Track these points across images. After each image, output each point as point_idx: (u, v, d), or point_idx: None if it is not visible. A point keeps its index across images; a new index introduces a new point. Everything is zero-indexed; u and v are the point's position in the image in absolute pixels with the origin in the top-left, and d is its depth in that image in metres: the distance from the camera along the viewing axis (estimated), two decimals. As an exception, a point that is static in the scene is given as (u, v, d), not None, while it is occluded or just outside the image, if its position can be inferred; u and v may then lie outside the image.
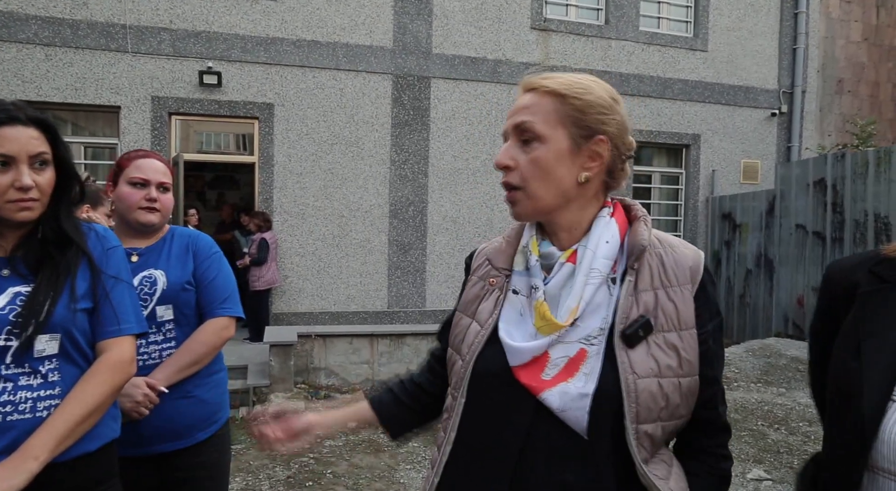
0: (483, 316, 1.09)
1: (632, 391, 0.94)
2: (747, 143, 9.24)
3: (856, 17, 10.44)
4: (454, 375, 1.10)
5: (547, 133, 1.00)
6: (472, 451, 1.05)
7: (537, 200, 1.02)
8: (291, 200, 7.32)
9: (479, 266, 1.18)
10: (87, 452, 1.39)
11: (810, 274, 7.13)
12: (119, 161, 1.94)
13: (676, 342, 0.98)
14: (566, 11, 8.53)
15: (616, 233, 1.04)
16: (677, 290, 1.01)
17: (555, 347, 0.99)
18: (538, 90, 1.03)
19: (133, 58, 6.78)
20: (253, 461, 3.80)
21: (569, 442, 0.97)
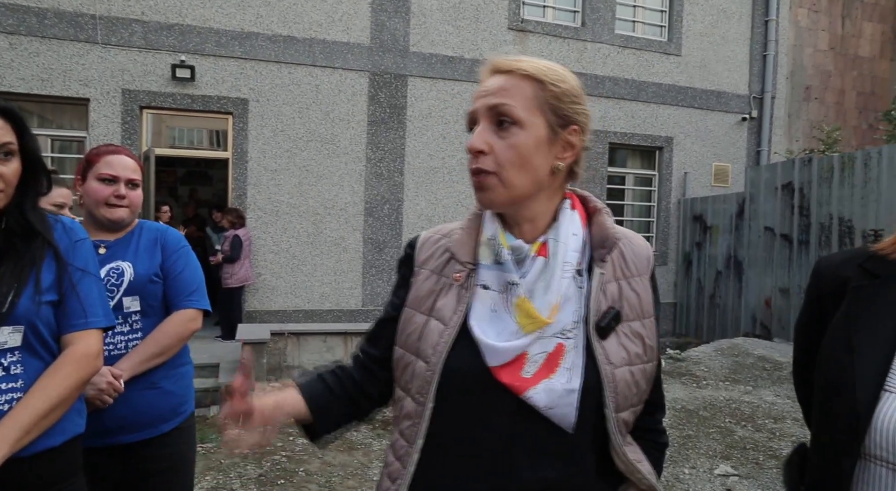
0: (445, 313, 1.02)
1: (611, 382, 0.95)
2: (718, 147, 9.41)
3: (823, 26, 10.72)
4: (414, 378, 1.02)
5: (526, 118, 0.97)
6: (446, 458, 0.99)
7: (512, 188, 0.98)
8: (265, 197, 7.25)
9: (430, 257, 1.10)
10: (50, 446, 1.37)
11: (778, 276, 7.29)
12: (88, 156, 1.92)
13: (641, 330, 1.01)
14: (543, 13, 8.59)
15: (580, 225, 1.05)
16: (638, 280, 1.04)
17: (533, 344, 0.97)
18: (514, 73, 0.99)
19: (103, 49, 6.64)
20: (224, 460, 3.75)
21: (552, 438, 0.96)
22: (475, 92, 1.02)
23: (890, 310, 0.95)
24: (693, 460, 3.99)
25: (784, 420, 4.73)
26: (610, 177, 8.93)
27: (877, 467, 0.88)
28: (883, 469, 0.88)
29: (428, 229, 1.18)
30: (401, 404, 1.06)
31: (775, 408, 4.99)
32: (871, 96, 11.11)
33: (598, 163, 8.71)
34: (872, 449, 0.89)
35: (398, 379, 1.08)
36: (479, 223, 1.08)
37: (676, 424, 4.58)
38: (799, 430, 4.54)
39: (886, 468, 0.87)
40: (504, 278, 1.01)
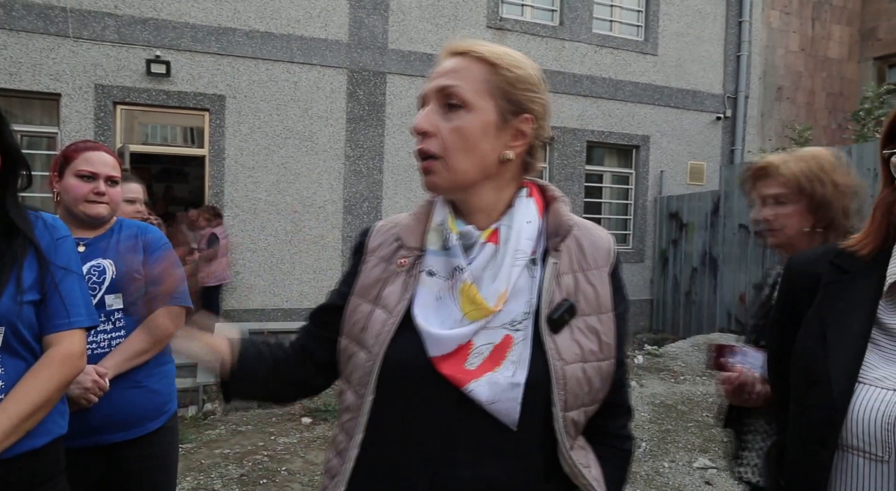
0: (390, 301, 0.97)
1: (560, 378, 0.91)
2: (693, 146, 9.55)
3: (794, 28, 10.93)
4: (356, 369, 0.97)
5: (475, 101, 0.93)
6: (385, 453, 0.95)
7: (456, 173, 0.94)
8: (243, 195, 7.16)
9: (381, 245, 1.06)
10: (32, 448, 1.34)
11: (752, 272, 7.42)
12: (66, 152, 1.89)
13: (597, 326, 0.96)
14: (521, 11, 8.63)
15: (536, 213, 1.01)
16: (595, 273, 1.00)
17: (479, 334, 0.92)
18: (468, 55, 0.95)
19: (75, 43, 6.49)
20: (204, 460, 3.70)
21: (495, 435, 0.91)
22: (429, 75, 0.99)
23: (860, 304, 0.97)
24: (672, 454, 4.05)
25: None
26: (588, 175, 9.01)
27: (854, 457, 0.91)
28: (860, 459, 0.90)
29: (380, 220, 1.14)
30: (343, 397, 1.02)
31: (751, 402, 5.08)
32: (840, 97, 11.38)
33: (576, 161, 8.78)
34: (849, 439, 0.91)
35: (342, 371, 1.04)
36: (431, 210, 1.04)
37: (656, 419, 4.64)
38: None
39: (863, 458, 0.89)
40: (450, 264, 0.97)
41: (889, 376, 0.91)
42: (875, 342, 0.95)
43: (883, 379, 0.91)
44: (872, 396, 0.90)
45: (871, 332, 0.95)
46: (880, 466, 0.87)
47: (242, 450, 3.91)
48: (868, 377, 0.92)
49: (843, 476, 0.92)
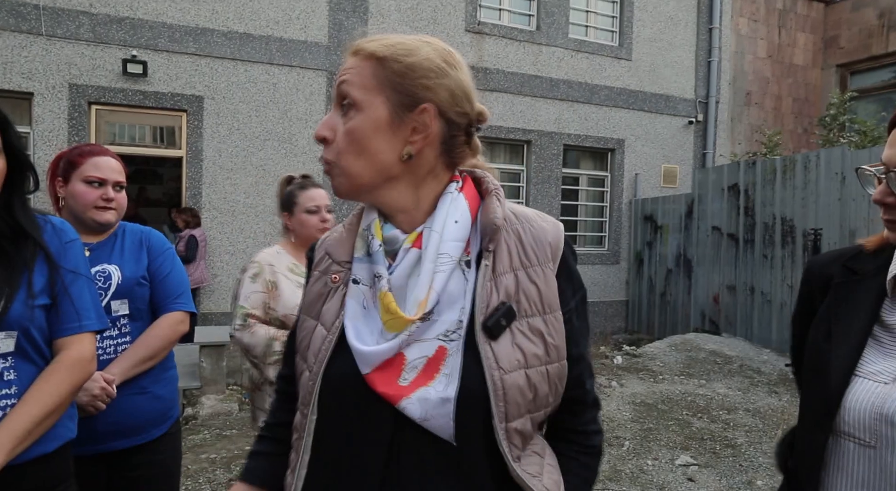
0: (328, 317, 0.94)
1: (499, 389, 0.85)
2: (667, 149, 9.75)
3: (761, 35, 11.24)
4: (302, 387, 0.94)
5: (363, 99, 0.87)
6: (331, 473, 0.91)
7: (352, 177, 0.89)
8: (221, 197, 7.08)
9: (322, 259, 1.01)
10: (43, 453, 1.34)
11: (725, 273, 7.61)
12: (71, 157, 1.87)
13: (542, 327, 0.90)
14: (499, 16, 8.71)
15: (466, 210, 0.92)
16: (538, 269, 0.92)
17: (410, 348, 0.87)
18: (359, 53, 0.90)
19: (48, 41, 6.34)
20: (191, 465, 3.66)
21: (438, 452, 0.86)
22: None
23: (864, 303, 1.06)
24: (655, 452, 4.14)
25: (736, 411, 4.96)
26: (564, 178, 9.13)
27: (846, 442, 1.00)
28: (851, 444, 1.00)
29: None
30: (296, 416, 0.98)
31: (728, 400, 5.22)
32: (805, 102, 11.73)
33: (553, 164, 8.89)
34: (842, 426, 1.00)
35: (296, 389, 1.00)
36: (359, 219, 0.99)
37: (637, 418, 4.74)
38: (751, 420, 4.77)
39: (854, 443, 0.99)
40: (371, 270, 0.92)
41: (884, 371, 0.99)
42: (877, 339, 1.03)
43: (878, 373, 0.99)
44: (865, 388, 0.99)
45: (874, 329, 1.04)
46: (869, 450, 0.97)
47: (229, 454, 3.88)
48: (864, 371, 1.01)
49: (837, 459, 1.02)
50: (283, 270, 2.26)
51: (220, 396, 5.22)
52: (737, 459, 4.04)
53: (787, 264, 6.76)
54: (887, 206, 1.01)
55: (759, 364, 6.21)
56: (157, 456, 1.89)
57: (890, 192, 0.99)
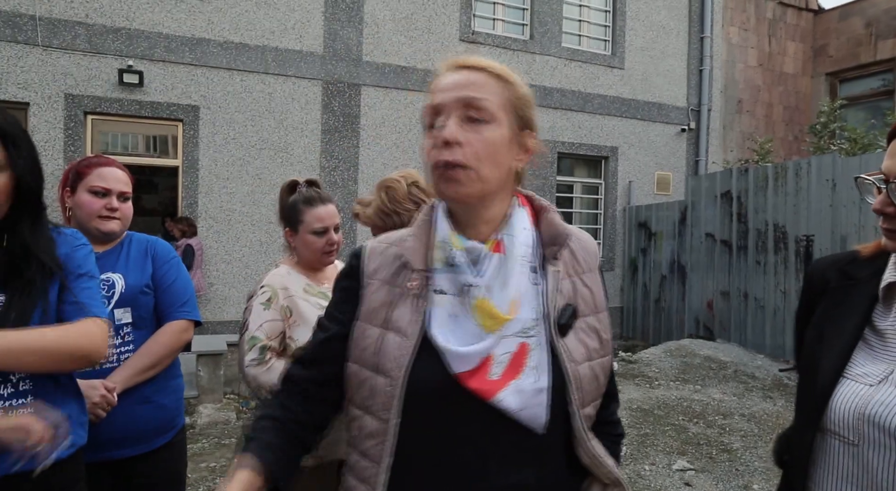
0: (402, 324, 0.97)
1: (576, 378, 0.96)
2: (660, 157, 9.83)
3: (752, 44, 11.38)
4: (374, 394, 0.96)
5: (499, 115, 0.96)
6: (417, 474, 0.95)
7: (485, 183, 0.95)
8: (217, 206, 7.09)
9: (380, 268, 1.05)
10: (59, 458, 1.36)
11: (719, 279, 7.67)
12: (78, 168, 1.90)
13: (596, 325, 1.03)
14: (493, 25, 8.79)
15: (529, 221, 1.03)
16: (589, 276, 1.06)
17: (497, 345, 0.94)
18: (485, 71, 0.97)
19: (44, 52, 6.36)
20: (191, 474, 3.66)
21: (522, 441, 0.94)
22: (436, 86, 0.99)
23: (857, 308, 1.10)
24: (652, 457, 4.17)
25: (732, 416, 5.00)
26: (558, 185, 9.19)
27: (832, 440, 1.06)
28: (836, 441, 1.05)
29: (373, 239, 1.13)
30: (359, 423, 1.00)
31: (723, 405, 5.26)
32: (796, 110, 11.87)
33: (548, 171, 8.95)
34: (829, 425, 1.06)
35: (353, 397, 1.02)
36: (429, 228, 1.04)
37: (634, 424, 4.76)
38: (746, 425, 4.80)
39: (839, 441, 1.04)
40: (459, 281, 0.98)
41: (871, 373, 1.04)
42: (867, 342, 1.08)
43: (865, 375, 1.04)
44: (851, 390, 1.04)
45: (865, 333, 1.08)
46: (851, 448, 1.02)
47: (228, 463, 3.88)
48: (852, 373, 1.06)
49: (824, 455, 1.07)
50: (298, 293, 2.00)
51: (217, 405, 5.22)
52: (733, 464, 4.08)
53: (779, 270, 6.82)
54: (887, 216, 1.04)
55: (753, 369, 6.26)
56: (161, 465, 1.90)
57: (890, 202, 1.02)
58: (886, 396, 0.99)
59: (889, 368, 1.02)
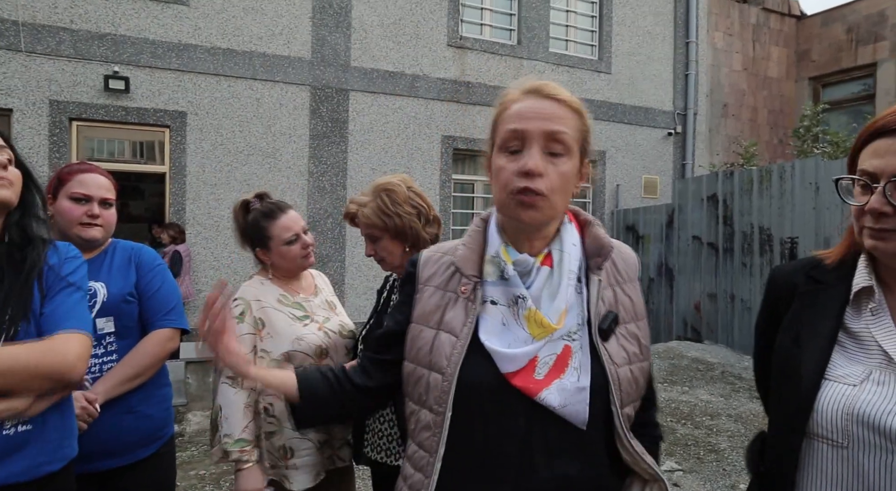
0: (455, 326, 1.07)
1: (616, 379, 1.04)
2: (647, 160, 9.91)
3: (737, 48, 11.50)
4: (430, 390, 1.06)
5: (573, 148, 1.05)
6: (467, 464, 1.04)
7: (556, 210, 1.06)
8: (205, 212, 7.06)
9: (434, 275, 1.15)
10: (50, 472, 1.35)
11: (706, 282, 7.73)
12: (59, 174, 1.88)
13: (636, 331, 1.12)
14: (481, 30, 8.82)
15: (577, 237, 1.14)
16: (630, 285, 1.16)
17: (543, 347, 1.04)
18: (564, 103, 1.06)
19: (27, 57, 6.31)
20: (180, 482, 3.64)
21: (565, 436, 1.02)
22: (516, 110, 1.05)
23: (829, 310, 1.11)
24: (641, 459, 4.19)
25: (719, 417, 5.03)
26: (547, 189, 9.21)
27: (819, 444, 1.04)
28: (824, 445, 1.03)
29: (428, 248, 1.24)
30: (416, 417, 1.10)
31: (710, 406, 5.30)
32: (780, 114, 12.00)
33: (536, 176, 8.98)
34: (815, 429, 1.04)
35: (410, 393, 1.13)
36: (481, 239, 1.14)
37: (622, 426, 4.78)
38: (733, 425, 4.84)
39: (826, 444, 1.03)
40: (511, 293, 1.07)
41: (851, 374, 1.04)
42: (841, 344, 1.08)
43: (845, 376, 1.04)
44: (835, 390, 1.03)
45: (839, 335, 1.09)
46: (841, 451, 1.01)
47: (218, 470, 3.86)
48: (833, 375, 1.05)
49: (810, 460, 1.06)
50: (272, 303, 1.99)
51: (206, 413, 5.19)
52: (720, 464, 4.11)
53: (765, 272, 6.88)
54: (882, 216, 1.00)
55: (740, 370, 6.31)
56: (148, 475, 1.88)
57: (887, 201, 0.99)
58: (872, 395, 0.99)
59: (868, 369, 1.02)
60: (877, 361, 1.02)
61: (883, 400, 0.98)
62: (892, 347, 1.02)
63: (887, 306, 1.06)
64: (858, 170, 1.06)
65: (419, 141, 8.22)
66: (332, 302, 2.22)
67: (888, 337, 1.03)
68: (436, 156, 8.33)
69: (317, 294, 2.18)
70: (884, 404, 0.97)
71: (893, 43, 10.53)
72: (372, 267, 7.85)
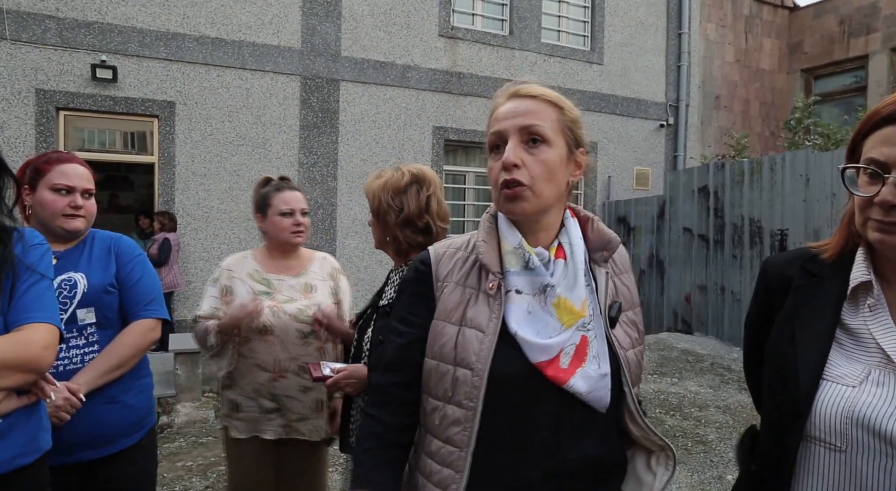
0: (480, 321, 1.08)
1: (626, 363, 1.11)
2: (639, 152, 9.91)
3: (729, 40, 11.50)
4: (458, 386, 1.06)
5: (554, 138, 1.10)
6: (498, 455, 1.06)
7: (542, 199, 1.09)
8: (195, 203, 7.02)
9: (452, 271, 1.16)
10: (23, 465, 1.34)
11: (696, 273, 7.75)
12: (37, 164, 1.85)
13: (634, 318, 1.19)
14: (472, 21, 8.77)
15: (579, 231, 1.19)
16: (626, 276, 1.23)
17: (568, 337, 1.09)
18: (539, 98, 1.12)
19: (13, 46, 6.23)
20: (167, 474, 3.62)
21: (589, 420, 1.09)
22: (498, 114, 1.13)
23: (826, 306, 1.05)
24: (629, 450, 4.21)
25: (707, 408, 5.06)
26: (539, 181, 9.20)
27: (816, 447, 0.99)
28: (821, 448, 0.99)
29: (434, 245, 1.24)
30: (441, 413, 1.10)
31: (699, 397, 5.32)
32: (772, 106, 12.02)
33: (528, 167, 8.97)
34: (812, 431, 0.99)
35: (431, 389, 1.12)
36: (496, 234, 1.17)
37: (611, 417, 4.80)
38: (721, 416, 4.87)
39: (824, 447, 0.98)
40: (537, 282, 1.11)
41: (849, 374, 0.99)
42: (839, 342, 1.02)
43: (844, 376, 0.99)
44: (834, 392, 0.98)
45: (836, 332, 1.03)
46: (838, 455, 0.96)
47: (205, 462, 3.85)
48: (831, 375, 1.00)
49: (806, 464, 1.01)
50: (241, 275, 2.25)
51: (195, 404, 5.17)
52: (708, 455, 4.13)
53: (755, 264, 6.91)
54: (894, 209, 0.94)
55: (729, 362, 6.34)
56: (130, 466, 1.87)
57: None
58: (872, 398, 0.94)
59: (867, 369, 0.98)
60: (876, 360, 0.98)
61: (883, 402, 0.94)
62: (891, 345, 0.97)
63: (886, 302, 1.01)
64: (865, 158, 0.98)
65: (410, 132, 8.18)
66: (311, 285, 2.29)
67: (887, 335, 0.98)
68: (427, 147, 8.30)
69: (298, 275, 2.29)
70: (884, 407, 0.93)
71: (885, 35, 10.55)
72: (363, 258, 7.84)
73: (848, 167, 1.03)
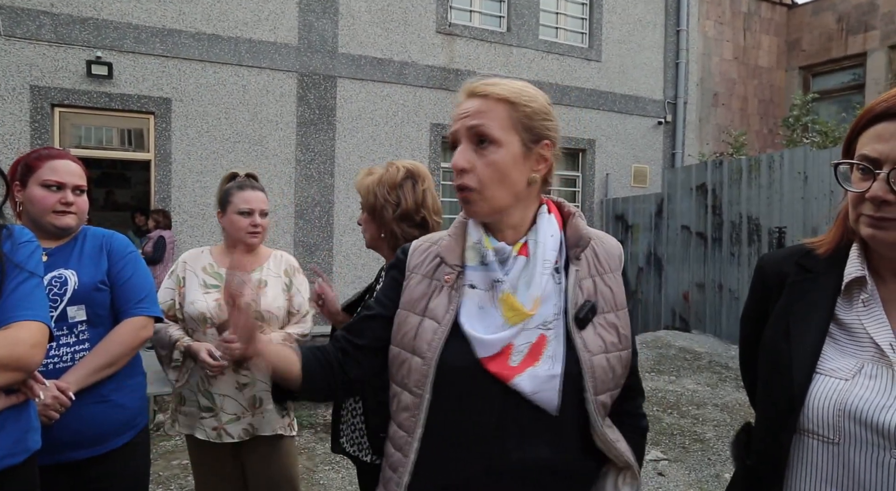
0: (438, 312, 1.10)
1: (589, 368, 1.06)
2: (637, 149, 9.89)
3: (727, 37, 11.48)
4: (411, 373, 1.10)
5: (502, 137, 1.06)
6: (443, 444, 1.08)
7: (493, 201, 1.08)
8: (191, 200, 6.98)
9: (421, 263, 1.18)
10: (12, 465, 1.32)
11: (694, 271, 7.75)
12: (28, 161, 1.82)
13: (615, 321, 1.12)
14: (470, 17, 8.74)
15: (557, 228, 1.15)
16: (611, 276, 1.16)
17: (518, 335, 1.06)
18: (489, 97, 1.08)
19: (7, 42, 6.19)
20: (162, 472, 3.60)
21: (538, 421, 1.05)
22: (454, 114, 1.11)
23: (820, 301, 1.06)
24: (626, 448, 4.20)
25: (705, 406, 5.05)
26: (537, 178, 9.18)
27: (809, 440, 1.00)
28: (815, 441, 1.00)
29: (420, 238, 1.27)
30: (397, 399, 1.14)
31: (697, 395, 5.32)
32: (770, 103, 12.01)
33: (526, 165, 8.94)
34: (806, 424, 1.00)
35: (393, 376, 1.16)
36: (464, 230, 1.17)
37: (609, 415, 4.79)
38: (719, 414, 4.86)
39: (817, 441, 0.99)
40: (490, 277, 1.10)
41: (842, 368, 1.00)
42: (832, 336, 1.04)
43: (837, 370, 1.00)
44: (827, 385, 0.99)
45: (829, 327, 1.04)
46: (832, 447, 0.97)
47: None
48: (824, 368, 1.01)
49: (800, 457, 1.02)
50: (195, 268, 2.27)
51: (190, 402, 5.15)
52: (705, 453, 4.12)
53: (753, 262, 6.90)
54: (884, 204, 0.95)
55: (727, 360, 6.33)
56: (121, 466, 1.85)
57: (890, 189, 0.94)
58: (864, 390, 0.95)
59: (859, 362, 0.99)
60: (869, 354, 0.99)
61: (875, 395, 0.94)
62: (884, 339, 0.98)
63: (879, 297, 1.02)
64: (858, 155, 0.99)
65: (408, 129, 8.16)
66: (264, 281, 2.30)
67: (880, 329, 1.00)
68: (424, 144, 8.27)
69: (252, 272, 2.30)
70: (876, 399, 0.94)
71: (884, 32, 10.54)
72: (360, 256, 7.82)
73: (840, 163, 1.03)
